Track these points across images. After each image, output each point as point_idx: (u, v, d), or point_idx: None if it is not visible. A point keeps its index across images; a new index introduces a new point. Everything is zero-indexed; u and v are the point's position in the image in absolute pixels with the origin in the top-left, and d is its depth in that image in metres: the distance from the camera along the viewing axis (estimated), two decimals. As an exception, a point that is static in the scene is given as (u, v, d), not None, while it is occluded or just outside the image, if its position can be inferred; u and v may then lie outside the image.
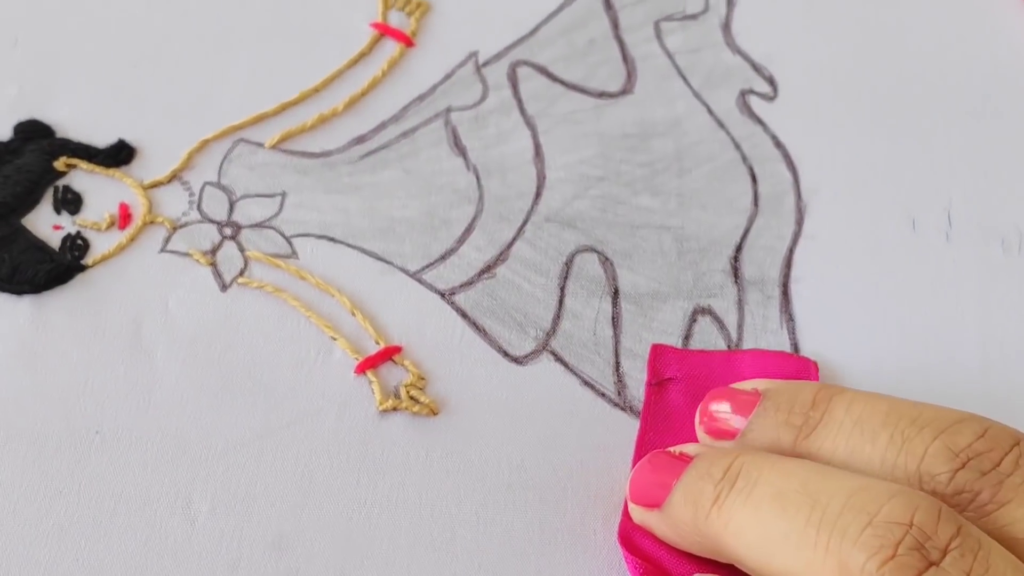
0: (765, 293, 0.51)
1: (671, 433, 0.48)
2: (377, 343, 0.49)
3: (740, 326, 0.50)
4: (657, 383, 0.49)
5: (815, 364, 0.49)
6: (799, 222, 0.53)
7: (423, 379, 0.49)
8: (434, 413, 0.48)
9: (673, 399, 0.48)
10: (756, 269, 0.51)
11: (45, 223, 0.52)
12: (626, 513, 0.46)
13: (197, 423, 0.47)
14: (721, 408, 0.45)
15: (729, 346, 0.50)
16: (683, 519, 0.42)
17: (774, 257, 0.52)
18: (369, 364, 0.49)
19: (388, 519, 0.46)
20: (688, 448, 0.44)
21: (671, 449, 0.44)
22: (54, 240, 0.52)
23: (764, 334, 0.50)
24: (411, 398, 0.48)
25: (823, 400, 0.43)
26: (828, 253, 0.52)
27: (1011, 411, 0.46)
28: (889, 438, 0.41)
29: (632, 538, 0.45)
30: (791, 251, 0.52)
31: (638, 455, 0.47)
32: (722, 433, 0.45)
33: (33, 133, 0.54)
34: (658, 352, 0.49)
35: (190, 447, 0.47)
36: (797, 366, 0.49)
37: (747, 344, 0.50)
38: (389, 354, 0.49)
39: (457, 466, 0.47)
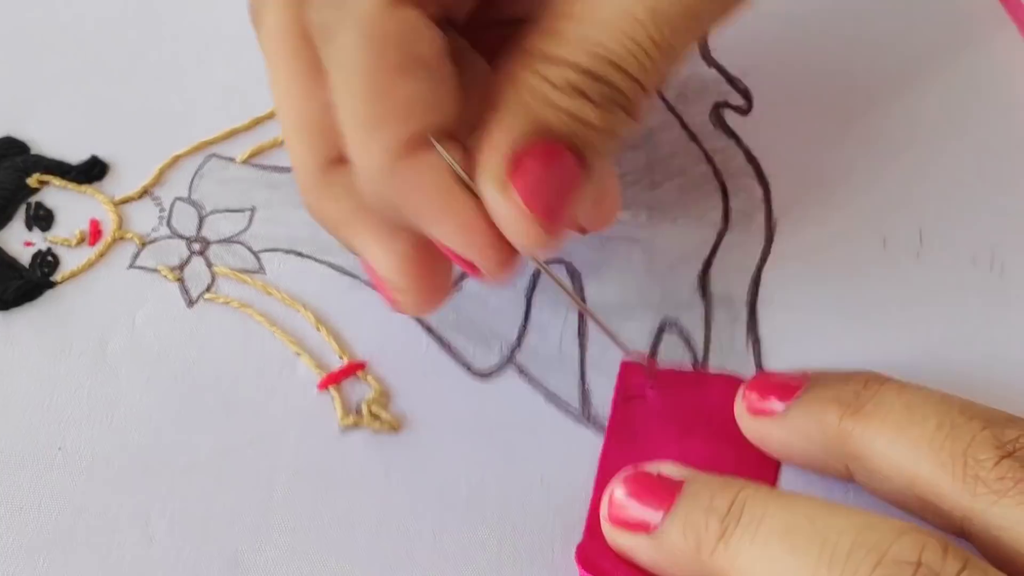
0: (733, 313, 0.51)
1: (636, 449, 0.47)
2: (341, 358, 0.49)
3: (707, 344, 0.50)
4: (625, 399, 0.48)
5: None
6: (769, 240, 0.52)
7: (385, 395, 0.48)
8: (395, 430, 0.48)
9: (640, 416, 0.48)
10: (724, 287, 0.51)
11: (16, 240, 0.52)
12: (589, 532, 0.45)
13: (159, 440, 0.47)
14: (777, 380, 0.46)
15: (694, 363, 0.49)
16: (682, 551, 0.42)
17: (743, 276, 0.51)
18: (332, 380, 0.49)
19: (345, 537, 0.46)
20: (668, 470, 0.44)
21: (648, 468, 0.44)
22: (25, 257, 0.52)
23: (730, 354, 0.50)
24: (372, 415, 0.48)
25: (875, 382, 0.44)
26: (797, 273, 0.51)
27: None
28: (938, 422, 0.42)
29: (594, 559, 0.44)
30: (759, 270, 0.51)
31: (601, 470, 0.47)
32: (765, 411, 0.45)
33: (8, 150, 0.55)
34: (627, 368, 0.49)
35: (151, 464, 0.47)
36: None
37: (713, 362, 0.49)
38: (353, 370, 0.49)
39: (416, 483, 0.47)
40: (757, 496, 0.41)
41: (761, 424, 0.46)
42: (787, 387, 0.45)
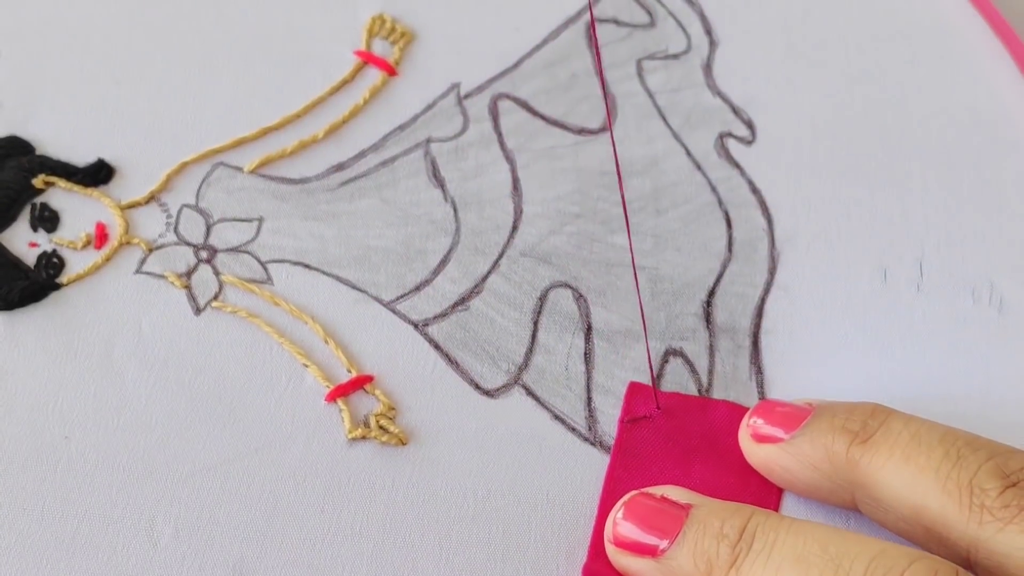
0: (736, 342, 0.51)
1: (642, 471, 0.48)
2: (349, 372, 0.49)
3: (711, 372, 0.50)
4: (631, 420, 0.49)
5: None
6: (772, 271, 0.53)
7: (393, 409, 0.49)
8: (403, 443, 0.48)
9: (646, 437, 0.49)
10: (728, 316, 0.52)
11: (21, 240, 0.52)
12: (593, 553, 0.46)
13: (164, 445, 0.47)
14: (782, 409, 0.47)
15: (700, 391, 0.50)
16: None
17: (746, 305, 0.52)
18: (340, 392, 0.49)
19: (350, 548, 0.46)
20: (673, 494, 0.44)
21: (652, 491, 0.44)
22: (30, 257, 0.52)
23: (734, 383, 0.50)
24: (380, 427, 0.48)
25: (882, 413, 0.45)
26: (799, 304, 0.52)
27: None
28: (945, 453, 0.42)
29: None
30: (763, 300, 0.52)
31: (607, 491, 0.47)
32: (769, 439, 0.46)
33: (12, 150, 0.54)
34: (635, 390, 0.50)
35: (156, 469, 0.47)
36: None
37: (717, 391, 0.50)
38: (360, 383, 0.49)
39: (422, 496, 0.47)
40: (768, 523, 0.42)
41: (765, 451, 0.46)
42: (792, 416, 0.46)
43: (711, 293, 0.52)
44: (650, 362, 0.50)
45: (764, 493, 0.47)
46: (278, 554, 0.46)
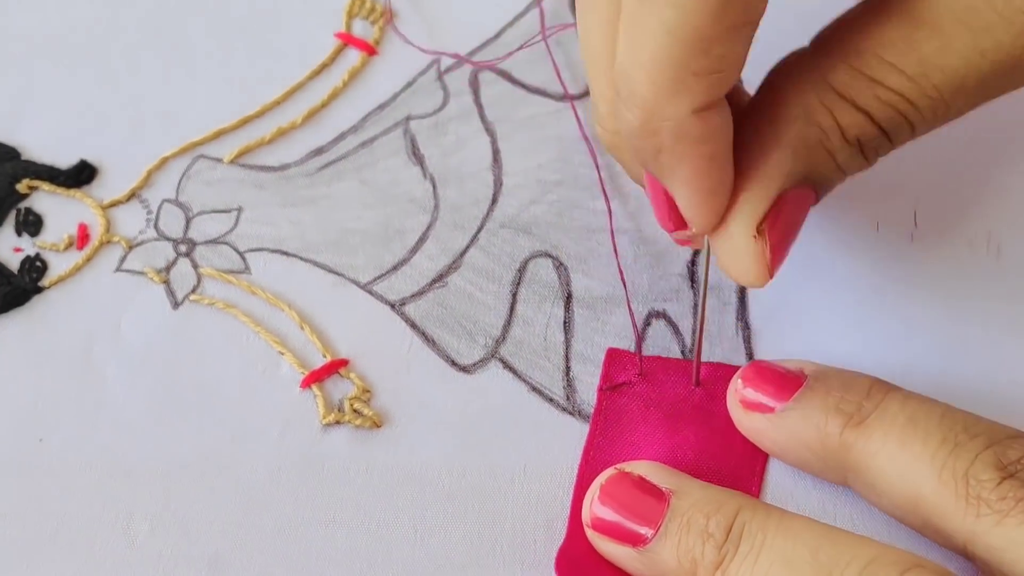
0: (721, 299, 0.50)
1: (622, 438, 0.47)
2: (324, 356, 0.49)
3: (695, 332, 0.49)
4: (610, 387, 0.48)
5: None
6: (761, 224, 0.51)
7: (368, 392, 0.48)
8: (377, 426, 0.47)
9: (626, 404, 0.47)
10: (714, 275, 0.50)
11: (6, 245, 0.52)
12: (571, 537, 0.45)
13: (141, 442, 0.47)
14: (772, 378, 0.45)
15: (683, 351, 0.49)
16: (675, 573, 0.41)
17: (732, 261, 0.50)
18: (315, 378, 0.48)
19: (325, 535, 0.45)
20: (653, 475, 0.43)
21: (630, 470, 0.43)
22: (14, 262, 0.52)
23: (720, 341, 0.49)
24: (355, 411, 0.47)
25: (879, 391, 0.43)
26: (788, 258, 0.50)
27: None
28: (942, 439, 0.41)
29: (576, 563, 0.44)
30: (750, 255, 0.50)
31: (586, 459, 0.47)
32: (759, 407, 0.44)
33: (-1, 157, 0.55)
34: (614, 356, 0.48)
35: (133, 467, 0.47)
36: None
37: (702, 349, 0.48)
38: (335, 367, 0.49)
39: (397, 478, 0.46)
40: (755, 520, 0.40)
41: (755, 420, 0.45)
42: (785, 384, 0.44)
43: (696, 252, 0.51)
44: (634, 322, 0.48)
45: (750, 458, 0.46)
46: (253, 546, 0.45)
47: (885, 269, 0.50)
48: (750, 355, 0.48)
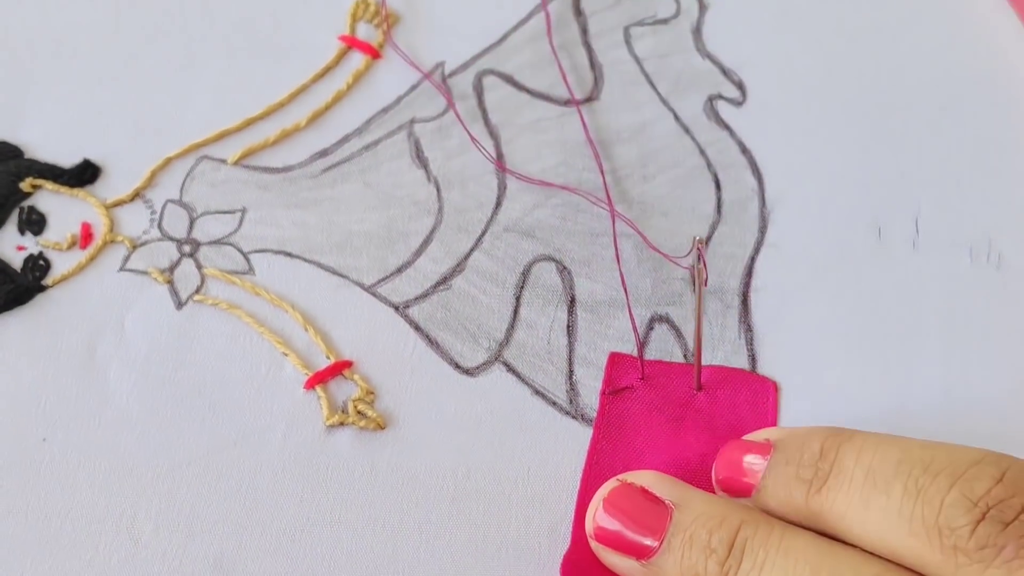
0: (724, 302, 0.50)
1: (624, 442, 0.47)
2: (328, 358, 0.49)
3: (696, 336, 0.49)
4: (612, 392, 0.48)
5: (774, 384, 0.48)
6: (762, 230, 0.52)
7: (372, 393, 0.48)
8: (381, 427, 0.47)
9: (629, 408, 0.48)
10: (716, 277, 0.50)
11: (9, 244, 0.52)
12: (576, 543, 0.45)
13: (145, 442, 0.47)
14: (743, 459, 0.44)
15: (685, 355, 0.49)
16: None
17: (735, 265, 0.51)
18: (319, 379, 0.48)
19: (329, 537, 0.45)
20: (656, 487, 0.43)
21: (633, 481, 0.43)
22: (17, 261, 0.52)
23: (722, 343, 0.49)
24: (358, 413, 0.47)
25: (831, 449, 0.41)
26: (791, 262, 0.51)
27: (973, 423, 0.46)
28: (903, 489, 0.39)
29: (583, 571, 0.44)
30: (752, 260, 0.51)
31: (590, 463, 0.47)
32: (740, 489, 0.43)
33: (1, 155, 0.54)
34: (616, 360, 0.49)
35: (137, 466, 0.47)
36: (756, 385, 0.48)
37: (704, 353, 0.49)
38: (339, 369, 0.49)
39: (402, 480, 0.46)
40: (758, 536, 0.40)
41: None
42: (751, 467, 0.43)
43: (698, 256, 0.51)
44: (635, 327, 0.48)
45: (751, 461, 0.46)
46: (257, 547, 0.45)
47: (888, 275, 0.50)
48: (752, 357, 0.49)
